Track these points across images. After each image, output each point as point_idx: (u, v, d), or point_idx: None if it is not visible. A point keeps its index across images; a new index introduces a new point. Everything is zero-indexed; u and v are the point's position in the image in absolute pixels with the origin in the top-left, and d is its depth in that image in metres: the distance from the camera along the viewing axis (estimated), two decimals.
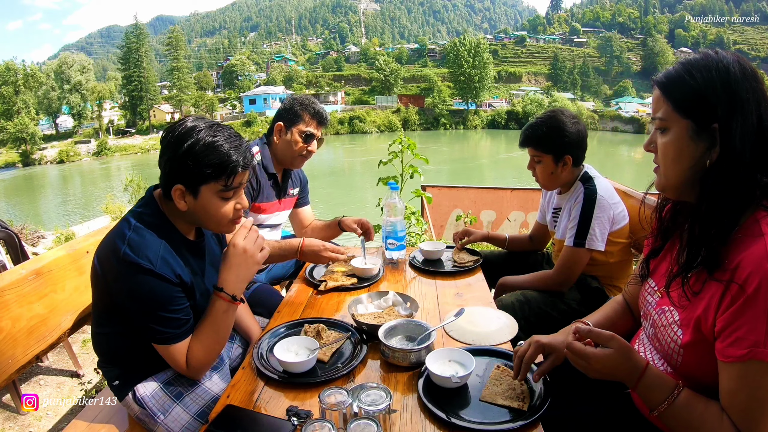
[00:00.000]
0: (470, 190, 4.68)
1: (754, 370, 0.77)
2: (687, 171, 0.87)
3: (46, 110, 47.62)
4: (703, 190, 0.86)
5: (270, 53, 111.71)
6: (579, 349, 0.92)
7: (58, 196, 27.54)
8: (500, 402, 1.01)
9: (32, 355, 1.28)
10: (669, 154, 0.89)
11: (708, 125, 0.83)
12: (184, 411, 1.20)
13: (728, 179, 0.82)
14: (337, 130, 53.57)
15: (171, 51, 56.67)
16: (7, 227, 2.92)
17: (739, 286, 0.78)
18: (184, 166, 1.10)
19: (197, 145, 1.09)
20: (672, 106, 0.87)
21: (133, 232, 1.11)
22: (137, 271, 1.07)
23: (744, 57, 0.88)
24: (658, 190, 0.97)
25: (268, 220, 2.02)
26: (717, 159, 0.83)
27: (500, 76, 79.21)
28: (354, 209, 14.55)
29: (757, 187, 0.82)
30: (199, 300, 1.23)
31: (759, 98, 0.82)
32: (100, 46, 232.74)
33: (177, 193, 1.13)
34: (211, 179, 1.12)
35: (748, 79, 0.83)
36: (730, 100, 0.82)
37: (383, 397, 0.91)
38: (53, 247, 4.81)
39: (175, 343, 1.15)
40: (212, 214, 1.16)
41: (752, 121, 0.81)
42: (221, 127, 1.15)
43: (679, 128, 0.86)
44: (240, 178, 1.15)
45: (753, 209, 0.83)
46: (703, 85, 0.83)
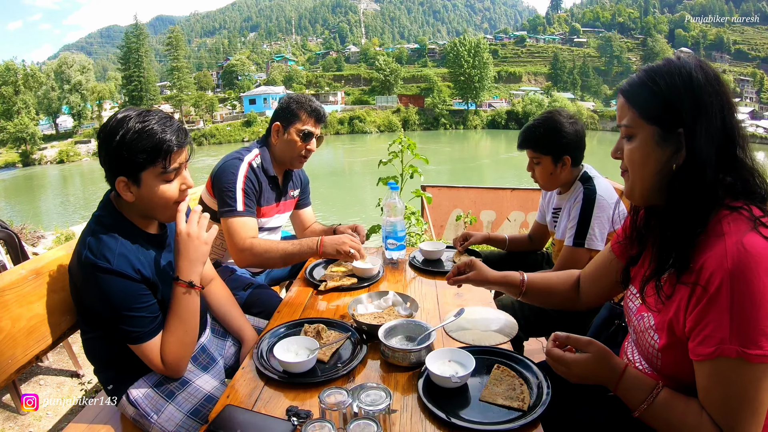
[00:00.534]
0: (470, 190, 4.68)
1: (724, 367, 0.79)
2: (654, 176, 0.89)
3: (46, 110, 47.60)
4: (670, 194, 0.88)
5: (270, 53, 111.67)
6: (558, 356, 0.95)
7: (58, 196, 27.53)
8: (500, 402, 1.01)
9: (32, 355, 1.27)
10: (636, 160, 0.91)
11: (673, 130, 0.85)
12: (176, 409, 1.21)
13: (694, 182, 0.84)
14: (337, 130, 53.58)
15: (171, 51, 56.62)
16: (7, 227, 2.92)
17: (702, 287, 0.80)
18: (120, 157, 1.12)
19: (128, 134, 1.11)
20: (637, 113, 0.89)
21: (92, 236, 1.14)
22: (97, 270, 1.10)
23: (706, 62, 0.90)
24: (627, 197, 0.99)
25: (268, 223, 2.00)
26: (683, 163, 0.85)
27: (500, 76, 79.19)
28: (354, 209, 14.56)
29: (721, 186, 0.84)
30: (167, 292, 1.23)
31: (722, 101, 0.84)
32: (100, 46, 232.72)
33: (121, 185, 1.15)
34: (149, 164, 1.13)
35: (711, 83, 0.84)
36: (693, 104, 0.83)
37: (383, 397, 0.91)
38: (53, 247, 4.81)
39: (146, 341, 1.16)
40: (158, 198, 1.17)
41: (716, 123, 0.83)
42: (151, 113, 1.17)
43: (644, 134, 0.88)
44: (177, 156, 1.16)
45: (717, 209, 0.84)
46: (667, 92, 0.85)
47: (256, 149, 1.91)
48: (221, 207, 1.80)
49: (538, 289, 1.29)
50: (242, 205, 1.78)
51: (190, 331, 1.22)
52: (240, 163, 1.82)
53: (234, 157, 1.85)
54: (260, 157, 1.90)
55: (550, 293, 1.29)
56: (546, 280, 1.31)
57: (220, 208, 1.80)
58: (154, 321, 1.17)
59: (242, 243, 1.76)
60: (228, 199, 1.77)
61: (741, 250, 0.78)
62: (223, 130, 49.66)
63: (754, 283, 0.76)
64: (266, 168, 1.90)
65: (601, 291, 1.21)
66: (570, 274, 1.29)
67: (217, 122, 52.77)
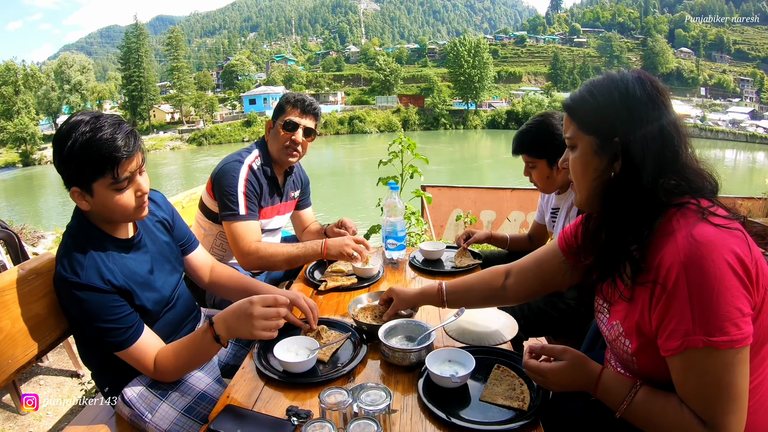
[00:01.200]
0: (470, 190, 4.69)
1: (694, 358, 0.80)
2: (594, 183, 0.93)
3: (46, 110, 47.62)
4: (608, 200, 0.91)
5: (270, 53, 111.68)
6: (534, 366, 0.98)
7: (58, 196, 27.47)
8: (500, 402, 1.01)
9: (32, 355, 1.27)
10: (577, 170, 0.96)
11: (610, 140, 0.89)
12: (170, 408, 1.20)
13: (631, 188, 0.88)
14: (337, 130, 53.59)
15: (171, 51, 56.63)
16: (7, 227, 2.91)
17: (661, 285, 0.82)
18: (69, 168, 1.09)
19: (75, 145, 1.07)
20: (577, 125, 0.94)
21: (63, 249, 1.14)
22: (67, 286, 1.11)
23: (648, 73, 0.93)
24: (576, 206, 1.03)
25: (269, 224, 2.00)
26: (620, 170, 0.89)
27: (500, 76, 79.19)
28: (354, 209, 14.55)
29: (662, 190, 0.86)
30: (146, 295, 1.23)
31: (660, 111, 0.87)
32: (100, 46, 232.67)
33: (76, 195, 1.13)
34: (98, 176, 1.09)
35: (648, 93, 0.88)
36: (628, 114, 0.87)
37: (383, 397, 0.91)
38: (53, 247, 4.81)
39: (126, 348, 1.16)
40: (114, 208, 1.15)
41: (653, 132, 0.86)
42: (101, 118, 1.11)
43: (584, 144, 0.94)
44: (127, 165, 1.11)
45: (665, 210, 0.87)
46: (604, 104, 0.90)
47: (255, 150, 1.90)
48: (223, 210, 1.79)
49: (458, 292, 1.30)
50: (245, 209, 1.78)
51: (193, 366, 1.22)
52: (240, 166, 1.82)
53: (234, 159, 1.85)
54: (260, 159, 1.89)
55: (470, 293, 1.30)
56: (464, 281, 1.32)
57: (222, 212, 1.80)
58: (129, 330, 1.16)
59: (248, 247, 1.76)
60: (230, 203, 1.77)
61: (691, 242, 0.80)
62: (223, 130, 49.68)
63: (709, 270, 0.77)
64: (266, 169, 1.89)
65: (535, 284, 1.22)
66: (495, 270, 1.29)
67: (217, 122, 52.82)
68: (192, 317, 1.47)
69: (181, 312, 1.40)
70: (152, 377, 1.22)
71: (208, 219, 1.95)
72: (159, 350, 1.20)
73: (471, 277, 1.34)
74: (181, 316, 1.40)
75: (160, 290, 1.29)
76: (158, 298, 1.28)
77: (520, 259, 1.27)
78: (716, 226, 0.81)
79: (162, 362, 1.18)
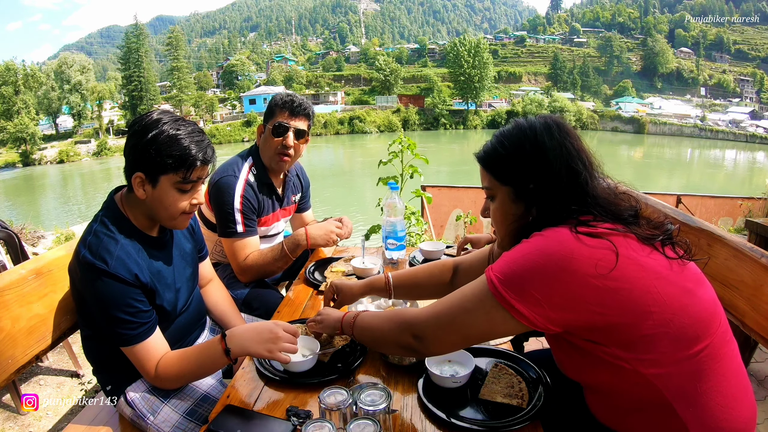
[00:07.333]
0: (470, 190, 4.69)
1: (476, 283, 0.91)
2: (512, 226, 0.99)
3: (46, 110, 47.56)
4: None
5: (270, 53, 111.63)
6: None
7: (58, 196, 27.55)
8: (499, 399, 1.01)
9: (32, 355, 1.27)
10: (498, 218, 1.02)
11: (525, 187, 0.94)
12: (173, 410, 1.21)
13: (546, 226, 0.90)
14: (337, 130, 53.57)
15: (171, 51, 56.61)
16: (7, 227, 2.91)
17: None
18: (147, 154, 1.12)
19: (161, 135, 1.12)
20: (493, 176, 0.99)
21: (93, 236, 1.14)
22: (93, 271, 1.10)
23: (555, 117, 0.97)
24: (498, 248, 1.07)
25: (269, 231, 1.99)
26: (537, 214, 0.94)
27: (500, 76, 79.10)
28: (354, 209, 14.55)
29: (570, 215, 0.91)
30: (167, 296, 1.23)
31: (567, 151, 0.92)
32: (100, 46, 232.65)
33: (137, 181, 1.15)
34: (171, 170, 1.13)
35: (554, 137, 0.93)
36: (539, 162, 0.92)
37: (383, 397, 0.92)
38: (53, 247, 4.81)
39: (134, 345, 1.15)
40: (167, 205, 1.17)
41: (563, 174, 0.91)
42: (185, 122, 1.17)
43: (502, 194, 0.99)
44: (198, 172, 1.17)
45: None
46: (514, 153, 0.95)
47: (250, 159, 1.86)
48: (221, 227, 1.80)
49: (405, 285, 1.32)
50: (242, 226, 1.78)
51: (196, 376, 1.22)
52: (236, 182, 1.78)
53: (230, 174, 1.80)
54: (254, 169, 1.85)
55: (417, 286, 1.32)
56: (412, 275, 1.34)
57: (221, 227, 1.80)
58: (142, 326, 1.15)
59: (244, 263, 1.79)
60: (227, 221, 1.77)
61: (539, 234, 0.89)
62: (224, 130, 49.67)
63: (542, 249, 0.85)
64: (262, 179, 1.85)
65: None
66: (443, 264, 1.31)
67: (217, 122, 52.79)
68: (201, 323, 1.48)
69: (193, 317, 1.40)
70: (151, 381, 1.20)
71: (207, 228, 1.92)
72: (164, 355, 1.18)
73: (419, 269, 1.36)
74: (192, 321, 1.40)
75: (179, 293, 1.30)
76: (176, 301, 1.28)
77: (468, 254, 1.31)
78: (578, 233, 0.84)
79: (165, 368, 1.16)
